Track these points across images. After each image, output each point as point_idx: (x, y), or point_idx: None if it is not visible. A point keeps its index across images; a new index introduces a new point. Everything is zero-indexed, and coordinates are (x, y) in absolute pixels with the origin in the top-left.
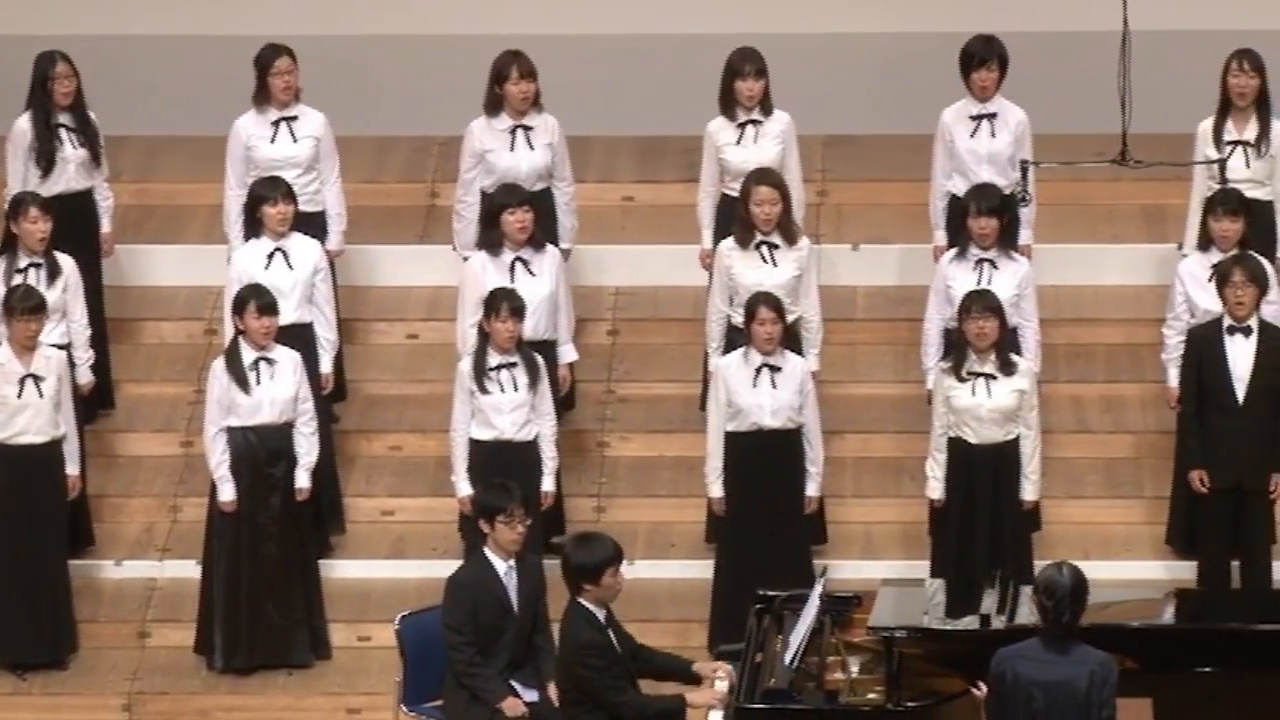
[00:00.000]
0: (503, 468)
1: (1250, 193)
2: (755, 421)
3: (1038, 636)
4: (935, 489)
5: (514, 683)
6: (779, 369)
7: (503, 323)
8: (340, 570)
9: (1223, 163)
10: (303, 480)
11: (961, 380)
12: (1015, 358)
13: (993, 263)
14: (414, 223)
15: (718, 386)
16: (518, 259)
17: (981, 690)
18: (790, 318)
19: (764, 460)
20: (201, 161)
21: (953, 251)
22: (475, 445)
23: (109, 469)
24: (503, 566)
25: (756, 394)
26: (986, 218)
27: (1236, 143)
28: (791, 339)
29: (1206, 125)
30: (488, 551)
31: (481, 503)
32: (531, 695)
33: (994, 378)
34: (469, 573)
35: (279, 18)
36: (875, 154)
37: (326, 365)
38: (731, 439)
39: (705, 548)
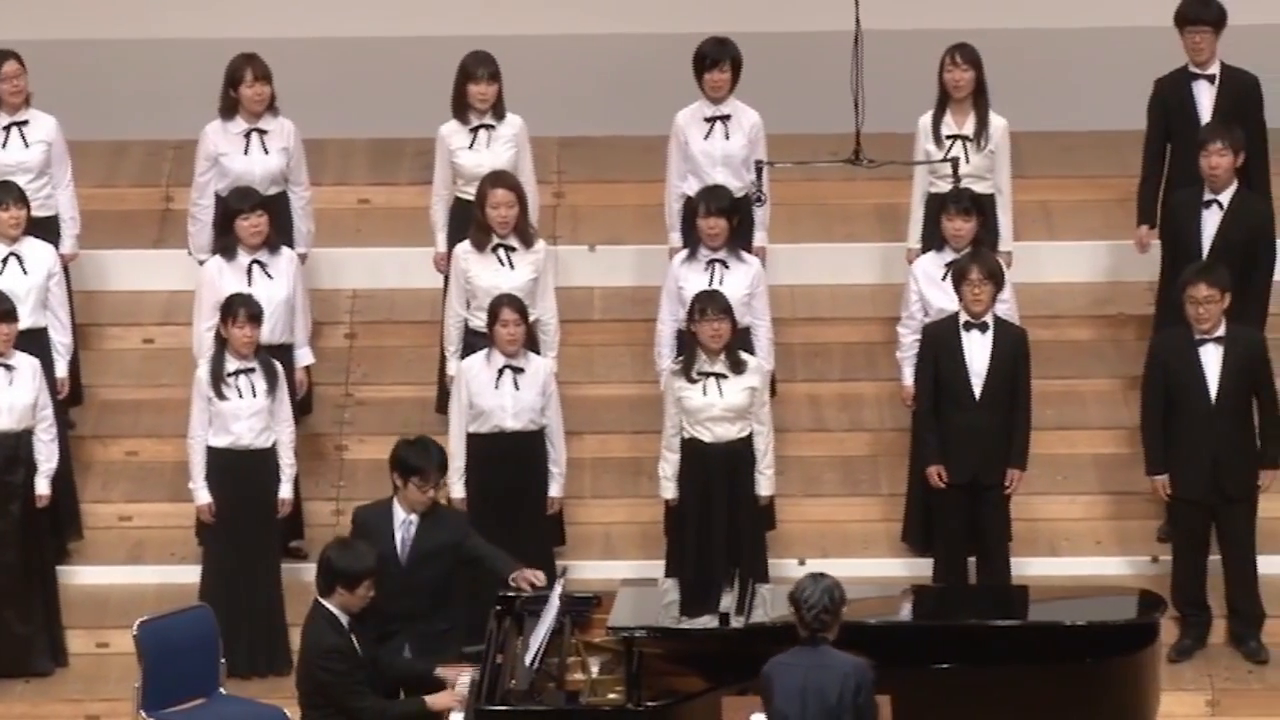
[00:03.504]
0: (240, 474)
1: (972, 187)
2: (497, 423)
3: (798, 645)
4: (668, 489)
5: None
6: (522, 370)
7: (240, 328)
8: (78, 577)
9: (955, 160)
10: (42, 487)
11: (692, 381)
12: (745, 355)
13: (724, 263)
14: (148, 227)
15: (459, 388)
16: (255, 262)
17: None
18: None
19: (506, 462)
20: None
21: (684, 253)
22: (212, 452)
23: None
24: (402, 516)
25: (499, 395)
26: (716, 218)
27: (955, 137)
28: (530, 341)
29: (925, 120)
30: (396, 500)
31: (403, 458)
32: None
33: (724, 377)
34: (372, 512)
35: (9, 22)
36: (610, 155)
37: (62, 370)
38: (473, 440)
39: None
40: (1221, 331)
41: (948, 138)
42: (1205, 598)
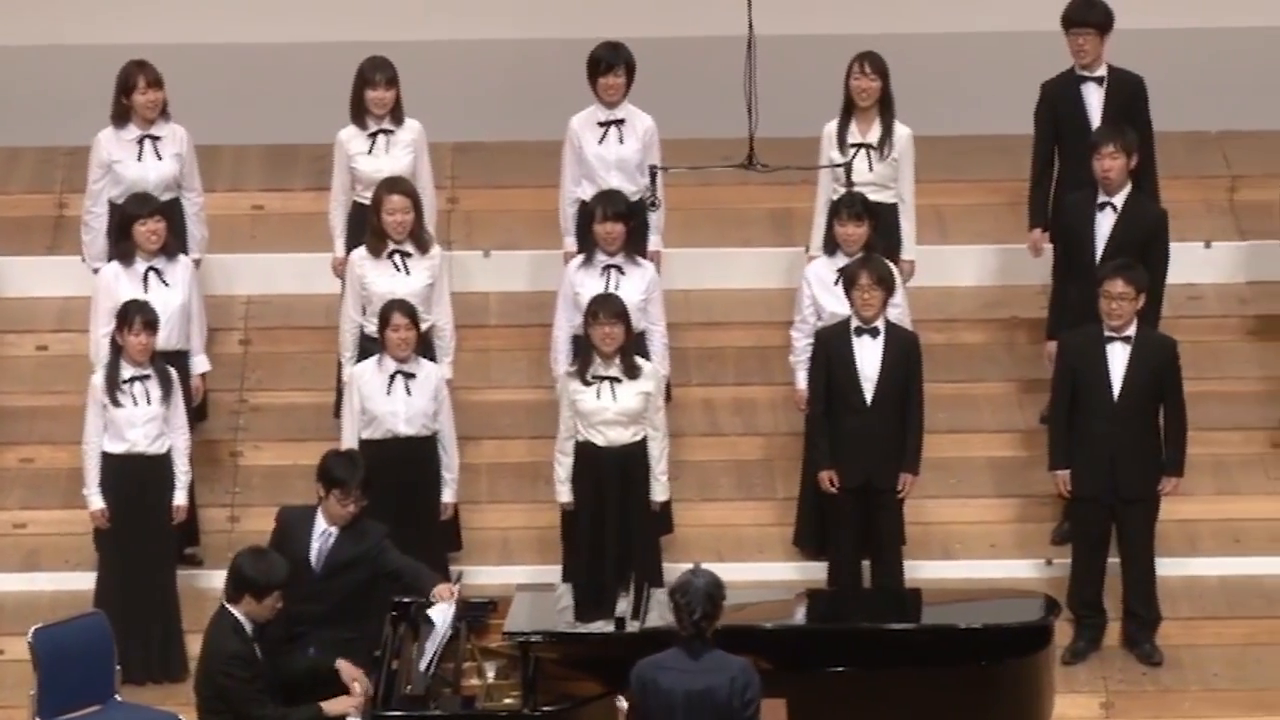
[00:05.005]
0: (135, 481)
1: (874, 196)
2: (390, 429)
3: (676, 646)
4: (563, 493)
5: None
6: (413, 375)
7: (136, 335)
8: None
9: (848, 166)
10: None
11: (586, 384)
12: (640, 360)
13: (619, 268)
14: (42, 233)
15: (352, 394)
16: (151, 269)
17: (623, 705)
18: (424, 325)
19: (399, 467)
20: None
21: (580, 258)
22: (107, 458)
23: None
24: (322, 527)
25: (391, 401)
26: (612, 223)
27: (859, 145)
28: (425, 346)
29: (831, 127)
30: (320, 509)
31: (328, 469)
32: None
33: (619, 381)
34: (296, 515)
35: None
36: (505, 160)
37: None
38: (366, 446)
39: None
40: (1131, 332)
41: (852, 146)
42: (1101, 600)
